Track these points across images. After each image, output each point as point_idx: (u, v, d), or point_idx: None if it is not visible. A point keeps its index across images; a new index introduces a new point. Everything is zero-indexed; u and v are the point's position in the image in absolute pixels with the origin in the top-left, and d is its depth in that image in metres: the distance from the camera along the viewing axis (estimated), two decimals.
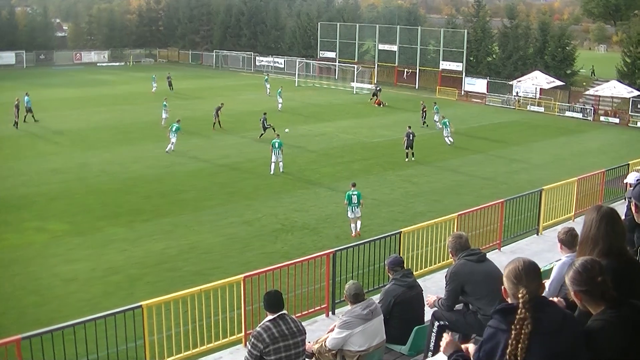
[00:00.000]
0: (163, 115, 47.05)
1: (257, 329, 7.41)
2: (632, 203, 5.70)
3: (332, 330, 8.53)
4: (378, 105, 61.08)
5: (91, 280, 21.34)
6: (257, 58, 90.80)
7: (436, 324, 8.59)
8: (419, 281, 10.13)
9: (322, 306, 12.92)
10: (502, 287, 4.28)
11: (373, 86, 68.63)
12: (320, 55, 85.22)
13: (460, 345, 4.88)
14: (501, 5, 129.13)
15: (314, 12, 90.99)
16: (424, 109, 50.62)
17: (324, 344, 8.48)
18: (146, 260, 23.05)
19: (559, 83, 63.26)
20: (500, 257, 14.25)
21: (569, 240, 7.70)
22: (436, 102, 52.42)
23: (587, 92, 62.72)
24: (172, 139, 38.83)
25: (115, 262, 22.80)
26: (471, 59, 73.92)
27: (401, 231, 14.11)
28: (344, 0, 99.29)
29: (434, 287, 12.18)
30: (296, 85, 73.98)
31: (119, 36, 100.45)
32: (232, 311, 11.88)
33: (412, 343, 9.05)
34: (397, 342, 9.13)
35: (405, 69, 77.59)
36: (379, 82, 72.50)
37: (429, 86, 73.26)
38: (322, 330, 10.45)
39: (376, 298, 9.38)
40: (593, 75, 75.04)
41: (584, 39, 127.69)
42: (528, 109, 62.59)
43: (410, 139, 38.78)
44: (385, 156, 39.96)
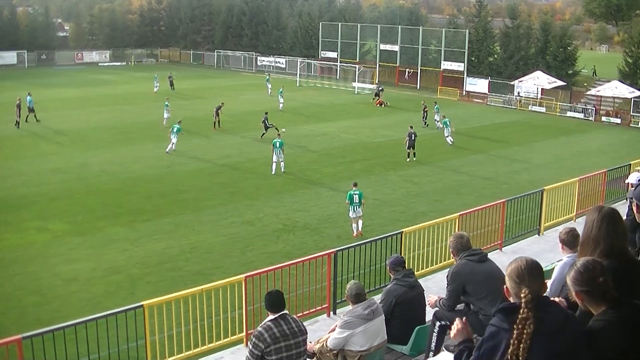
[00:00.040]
0: (165, 115, 47.06)
1: (259, 328, 7.42)
2: (634, 203, 5.71)
3: (334, 330, 8.53)
4: (379, 105, 61.08)
5: (92, 280, 21.33)
6: (258, 58, 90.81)
7: (437, 324, 8.60)
8: (420, 281, 10.14)
9: (323, 306, 12.93)
10: (503, 287, 4.28)
11: (375, 86, 68.64)
12: (322, 55, 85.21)
13: (472, 335, 4.72)
14: (503, 5, 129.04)
15: (315, 12, 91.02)
16: (425, 109, 50.60)
17: (325, 344, 8.48)
18: (147, 260, 23.04)
19: (560, 83, 63.20)
20: (502, 257, 14.25)
21: (570, 241, 7.70)
22: (436, 102, 52.37)
23: (588, 93, 62.65)
24: (172, 139, 38.84)
25: (116, 262, 22.79)
26: (473, 59, 73.86)
27: (402, 231, 14.13)
28: (346, 0, 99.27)
29: (435, 287, 12.20)
30: (297, 85, 73.97)
31: (120, 36, 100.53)
32: (233, 311, 11.90)
33: (413, 343, 9.05)
34: (399, 342, 9.13)
35: (407, 69, 77.57)
36: (381, 82, 72.51)
37: (430, 86, 73.23)
38: (323, 330, 10.46)
39: (377, 298, 9.39)
40: (594, 76, 74.98)
41: (585, 39, 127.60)
42: (529, 109, 62.55)
43: (412, 139, 38.77)
44: (386, 156, 39.94)
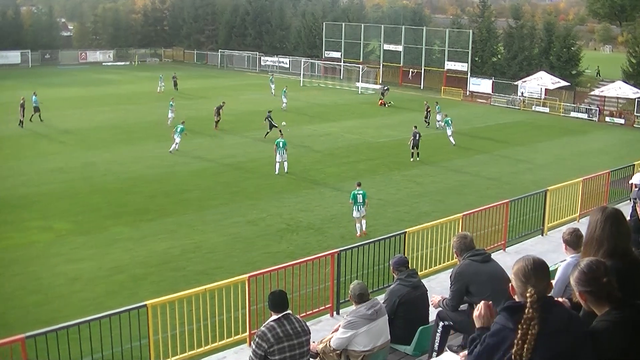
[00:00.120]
0: (169, 115, 47.04)
1: (262, 328, 7.43)
2: (637, 204, 5.71)
3: (337, 330, 8.53)
4: (382, 105, 61.03)
5: (95, 279, 21.35)
6: (262, 58, 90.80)
7: (441, 324, 8.59)
8: (424, 281, 10.13)
9: (326, 306, 12.93)
10: (506, 287, 4.27)
11: (380, 86, 68.51)
12: (325, 55, 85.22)
13: (491, 323, 4.33)
14: (506, 6, 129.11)
15: (319, 12, 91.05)
16: (428, 109, 50.61)
17: (328, 344, 8.49)
18: (150, 259, 23.06)
19: (564, 83, 63.12)
20: (505, 258, 14.23)
21: (573, 241, 7.69)
22: (438, 102, 52.38)
23: (592, 93, 62.56)
24: (176, 139, 38.89)
25: (119, 261, 22.82)
26: (476, 59, 73.81)
27: (406, 231, 14.12)
28: (349, 0, 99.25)
29: (438, 287, 12.18)
30: (301, 85, 73.97)
31: (124, 36, 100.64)
32: (236, 311, 11.89)
33: (416, 343, 9.05)
34: (402, 342, 9.13)
35: (411, 69, 77.49)
36: (385, 82, 72.40)
37: (434, 86, 73.16)
38: (326, 330, 10.46)
39: (381, 298, 9.38)
40: (598, 76, 74.91)
41: (589, 39, 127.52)
42: (533, 109, 62.47)
43: (417, 138, 38.77)
44: (390, 156, 39.93)
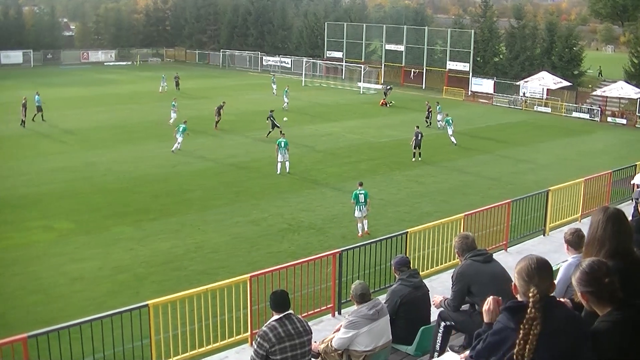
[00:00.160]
0: (172, 115, 47.02)
1: (264, 328, 7.43)
2: (639, 204, 5.70)
3: (338, 330, 8.53)
4: (383, 105, 60.98)
5: (97, 279, 21.35)
6: (264, 58, 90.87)
7: (442, 324, 8.60)
8: (425, 281, 10.12)
9: (328, 306, 12.92)
10: (508, 287, 4.26)
11: (383, 86, 68.40)
12: (327, 55, 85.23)
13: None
14: (508, 6, 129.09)
15: (321, 12, 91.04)
16: (429, 109, 50.64)
17: (330, 344, 8.49)
18: (152, 259, 23.06)
19: (566, 84, 63.10)
20: (507, 258, 14.24)
21: (575, 241, 7.69)
22: (439, 102, 52.36)
23: (594, 93, 62.52)
24: (178, 138, 38.92)
25: (121, 261, 22.82)
26: (478, 59, 73.80)
27: (407, 231, 14.11)
28: (351, 0, 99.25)
29: (440, 288, 12.18)
30: (303, 85, 73.95)
31: (126, 36, 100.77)
32: (238, 311, 11.89)
33: (418, 343, 9.05)
34: (403, 342, 9.13)
35: (412, 69, 77.50)
36: (386, 82, 72.39)
37: (435, 86, 73.17)
38: (328, 330, 10.46)
39: (382, 298, 9.38)
40: (600, 76, 74.87)
41: (591, 39, 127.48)
42: (535, 109, 62.43)
43: (419, 138, 38.76)
44: (392, 156, 39.91)
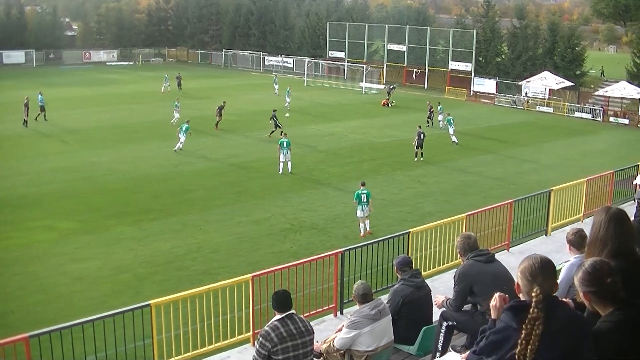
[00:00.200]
0: (175, 115, 47.03)
1: (266, 328, 7.42)
2: None
3: (340, 330, 8.53)
4: (385, 105, 60.95)
5: (99, 279, 21.36)
6: (266, 58, 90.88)
7: (444, 324, 8.59)
8: (428, 281, 10.12)
9: (330, 306, 12.92)
10: (510, 288, 4.26)
11: (385, 85, 68.22)
12: (329, 55, 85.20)
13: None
14: (510, 6, 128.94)
15: (323, 12, 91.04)
16: (431, 109, 50.64)
17: (332, 344, 8.48)
18: (154, 259, 23.07)
19: (568, 84, 63.05)
20: (509, 258, 14.24)
21: (577, 241, 7.68)
22: (440, 102, 52.33)
23: (596, 93, 62.47)
24: (181, 138, 38.96)
25: (123, 260, 22.83)
26: (480, 59, 73.76)
27: (410, 231, 14.10)
28: (353, 0, 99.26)
29: (442, 288, 12.19)
30: (305, 85, 73.99)
31: (127, 35, 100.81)
32: (240, 310, 11.89)
33: (420, 343, 9.05)
34: (405, 342, 9.12)
35: (414, 69, 77.48)
36: (389, 82, 72.34)
37: (437, 86, 73.15)
38: (330, 330, 10.45)
39: (384, 298, 9.38)
40: (602, 76, 74.82)
41: (593, 39, 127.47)
42: (537, 109, 62.41)
43: (421, 138, 38.74)
44: (393, 156, 39.91)
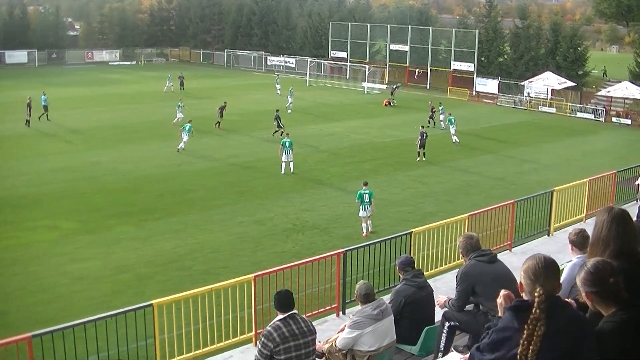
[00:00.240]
0: (178, 115, 47.05)
1: (268, 328, 7.43)
2: None
3: (343, 330, 8.53)
4: (387, 105, 60.94)
5: (100, 278, 21.38)
6: (268, 58, 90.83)
7: (446, 324, 8.59)
8: (430, 281, 10.13)
9: (332, 306, 12.92)
10: (513, 288, 4.26)
11: (387, 85, 68.05)
12: (332, 55, 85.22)
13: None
14: (513, 6, 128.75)
15: (325, 12, 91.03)
16: (433, 109, 50.65)
17: (334, 344, 8.48)
18: (156, 259, 23.08)
19: (570, 84, 62.97)
20: (511, 258, 14.21)
21: (580, 242, 7.68)
22: (441, 103, 52.29)
23: (598, 93, 62.39)
24: (184, 137, 39.01)
25: (124, 260, 22.85)
26: (482, 59, 73.73)
27: (412, 231, 14.09)
28: (356, 0, 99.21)
29: (444, 288, 12.19)
30: (307, 85, 73.97)
31: (130, 35, 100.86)
32: (242, 310, 11.90)
33: (422, 343, 9.04)
34: (408, 342, 9.12)
35: (417, 69, 77.43)
36: (392, 82, 72.32)
37: (440, 86, 73.11)
38: (332, 330, 10.45)
39: (387, 298, 9.37)
40: (605, 76, 74.73)
41: (595, 39, 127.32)
42: (539, 109, 62.33)
43: (424, 138, 38.75)
44: (395, 156, 39.91)
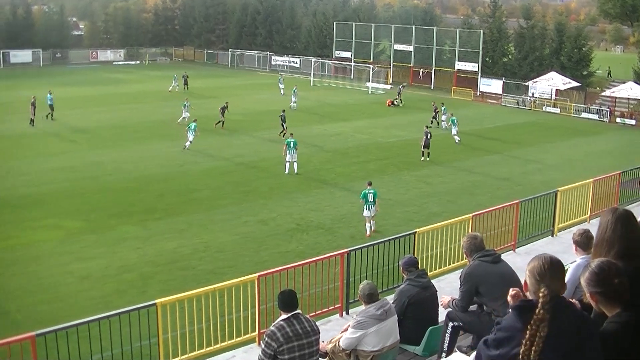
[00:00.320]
0: (183, 114, 47.10)
1: (271, 328, 7.43)
2: None
3: (346, 330, 8.53)
4: (391, 105, 60.87)
5: (104, 278, 21.40)
6: (272, 57, 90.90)
7: (450, 324, 8.59)
8: (433, 282, 10.11)
9: (336, 306, 12.93)
10: (517, 288, 4.24)
11: (398, 86, 67.83)
12: (336, 55, 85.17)
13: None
14: (517, 6, 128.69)
15: (329, 12, 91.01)
16: (436, 110, 50.64)
17: (337, 344, 8.48)
18: (160, 258, 23.08)
19: (575, 84, 62.85)
20: (515, 259, 14.21)
21: (584, 242, 7.67)
22: (443, 103, 52.21)
23: (603, 94, 62.24)
24: (189, 137, 39.10)
25: (128, 260, 22.86)
26: (487, 59, 73.64)
27: (416, 231, 14.10)
28: (360, 0, 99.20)
29: (448, 288, 12.17)
30: (311, 84, 73.93)
31: (135, 35, 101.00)
32: (246, 310, 11.91)
33: (426, 344, 9.04)
34: (411, 342, 9.12)
35: (421, 69, 77.37)
36: (395, 82, 72.27)
37: (444, 86, 73.04)
38: (336, 330, 10.45)
39: (390, 298, 9.37)
40: (609, 77, 74.56)
41: (600, 39, 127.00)
42: (544, 110, 62.23)
43: (428, 138, 38.74)
44: (400, 156, 39.89)
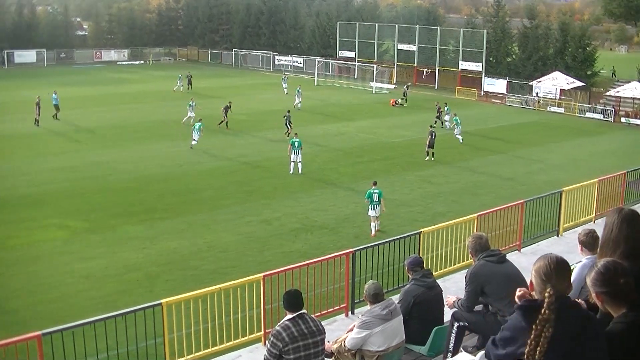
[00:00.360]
0: (189, 114, 47.16)
1: (277, 327, 7.44)
2: None
3: (352, 330, 8.52)
4: (394, 105, 60.87)
5: (107, 277, 21.44)
6: (276, 57, 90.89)
7: (456, 324, 8.58)
8: (439, 281, 10.12)
9: (341, 306, 12.92)
10: (523, 287, 4.24)
11: (404, 86, 67.81)
12: (340, 55, 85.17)
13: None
14: (521, 6, 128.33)
15: (333, 12, 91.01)
16: (440, 109, 50.61)
17: (343, 344, 8.48)
18: (163, 258, 23.12)
19: (579, 84, 62.74)
20: (520, 259, 14.18)
21: (589, 242, 7.67)
22: (447, 103, 52.15)
23: (607, 93, 62.12)
24: (194, 136, 39.23)
25: (132, 260, 22.90)
26: (491, 59, 73.55)
27: (421, 231, 14.08)
28: (363, 0, 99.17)
29: (453, 288, 12.17)
30: (315, 84, 73.94)
31: (138, 35, 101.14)
32: (251, 310, 11.91)
33: (431, 344, 9.03)
34: (417, 342, 9.11)
35: (425, 69, 77.33)
36: (399, 82, 72.23)
37: (448, 86, 72.97)
38: (341, 330, 10.45)
39: (396, 298, 9.35)
40: (614, 76, 74.44)
41: (604, 39, 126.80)
42: (548, 109, 62.14)
43: (433, 138, 38.74)
44: (404, 156, 39.88)
